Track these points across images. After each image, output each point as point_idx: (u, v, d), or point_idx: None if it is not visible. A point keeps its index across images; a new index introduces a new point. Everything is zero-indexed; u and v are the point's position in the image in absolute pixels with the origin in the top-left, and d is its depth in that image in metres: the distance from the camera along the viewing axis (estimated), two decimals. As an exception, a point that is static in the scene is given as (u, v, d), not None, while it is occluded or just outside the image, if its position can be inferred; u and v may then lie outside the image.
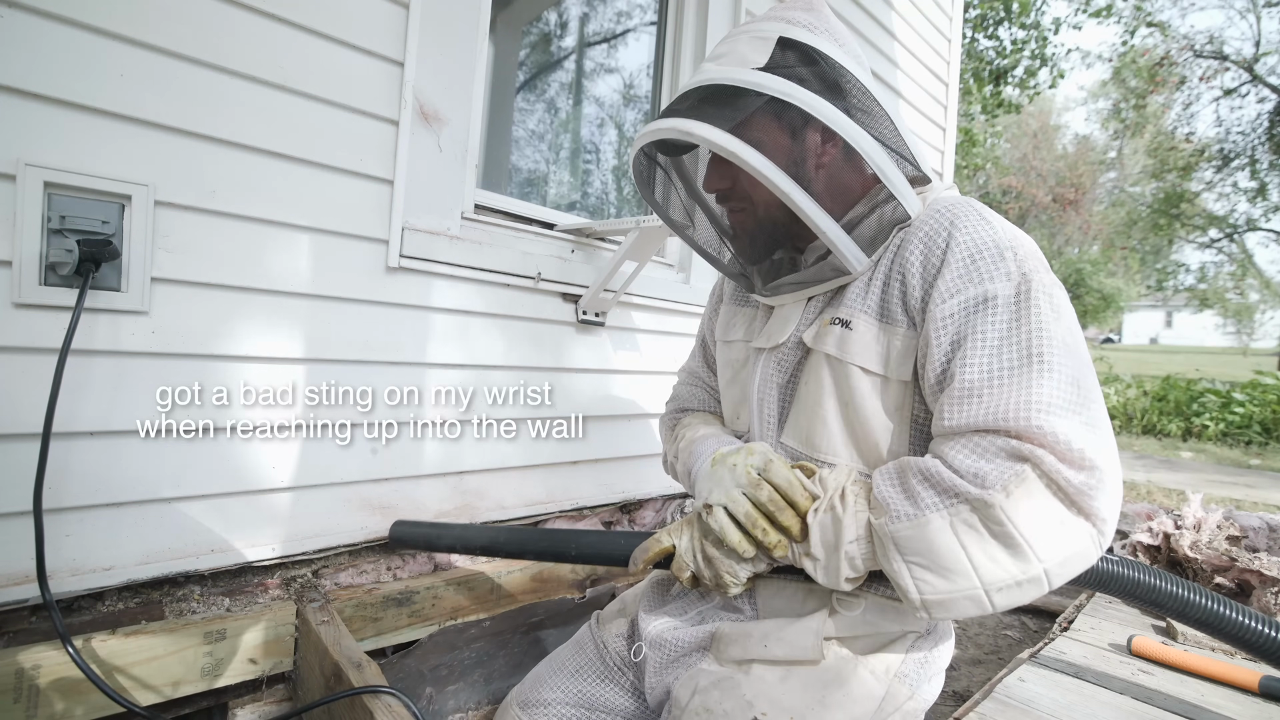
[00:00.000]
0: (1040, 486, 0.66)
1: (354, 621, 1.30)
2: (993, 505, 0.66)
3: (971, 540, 0.67)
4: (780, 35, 0.82)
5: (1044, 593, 0.68)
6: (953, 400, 0.72)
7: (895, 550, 0.70)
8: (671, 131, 0.82)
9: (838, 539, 0.74)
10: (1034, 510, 0.66)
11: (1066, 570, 0.67)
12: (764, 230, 0.91)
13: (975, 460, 0.68)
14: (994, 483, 0.66)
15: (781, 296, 0.94)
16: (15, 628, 1.05)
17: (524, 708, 1.04)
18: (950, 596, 0.69)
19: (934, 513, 0.68)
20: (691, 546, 0.85)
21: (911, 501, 0.70)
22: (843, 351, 0.84)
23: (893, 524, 0.71)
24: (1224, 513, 2.03)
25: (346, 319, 1.35)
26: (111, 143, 1.07)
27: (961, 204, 0.83)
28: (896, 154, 0.84)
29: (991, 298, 0.74)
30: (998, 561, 0.67)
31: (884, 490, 0.74)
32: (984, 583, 0.67)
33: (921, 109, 3.22)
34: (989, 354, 0.72)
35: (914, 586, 0.70)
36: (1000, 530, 0.66)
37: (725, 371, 1.08)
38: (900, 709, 0.86)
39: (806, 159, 0.85)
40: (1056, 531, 0.66)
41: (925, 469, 0.71)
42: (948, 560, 0.68)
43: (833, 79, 0.82)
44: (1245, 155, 15.64)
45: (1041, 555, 0.66)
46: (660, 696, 0.94)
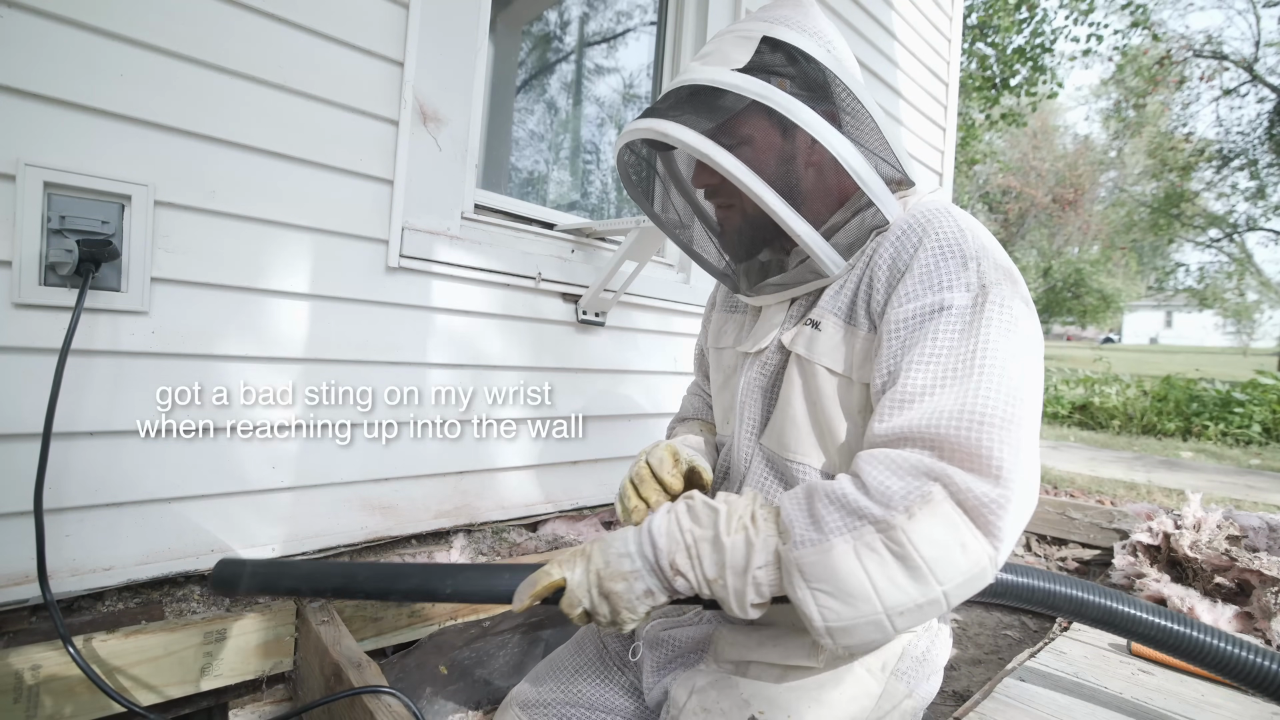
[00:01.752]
0: (947, 507, 0.65)
1: (354, 621, 1.30)
2: (895, 527, 0.65)
3: (874, 564, 0.66)
4: (764, 35, 0.81)
5: (942, 613, 0.68)
6: (890, 405, 0.72)
7: (800, 577, 0.68)
8: (648, 132, 0.83)
9: (747, 562, 0.71)
10: (935, 532, 0.64)
11: (964, 591, 0.67)
12: (750, 228, 0.90)
13: (886, 476, 0.67)
14: (898, 503, 0.65)
15: (764, 297, 0.94)
16: (15, 628, 1.05)
17: (524, 708, 1.04)
18: (854, 622, 0.67)
19: (838, 537, 0.67)
20: (586, 580, 0.78)
21: (817, 526, 0.68)
22: (810, 352, 0.84)
23: (797, 550, 0.68)
24: (1224, 512, 2.03)
25: (346, 319, 1.35)
26: (111, 143, 1.07)
27: (939, 210, 0.82)
28: (878, 157, 0.84)
29: (947, 307, 0.73)
30: (898, 585, 0.65)
31: (791, 514, 0.71)
32: (886, 607, 0.66)
33: (921, 109, 3.22)
34: (934, 363, 0.71)
35: (818, 614, 0.68)
36: (901, 552, 0.65)
37: (716, 378, 1.08)
38: (898, 707, 0.86)
39: (781, 162, 0.84)
40: (956, 554, 0.65)
41: (832, 491, 0.70)
42: (851, 586, 0.66)
43: (814, 80, 0.82)
44: (1245, 155, 15.65)
45: (941, 578, 0.65)
46: (658, 696, 0.94)
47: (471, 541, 1.60)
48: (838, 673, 0.84)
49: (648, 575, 0.75)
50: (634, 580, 0.75)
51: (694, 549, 0.74)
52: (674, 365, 2.04)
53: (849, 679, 0.84)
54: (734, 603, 0.73)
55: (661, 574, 0.75)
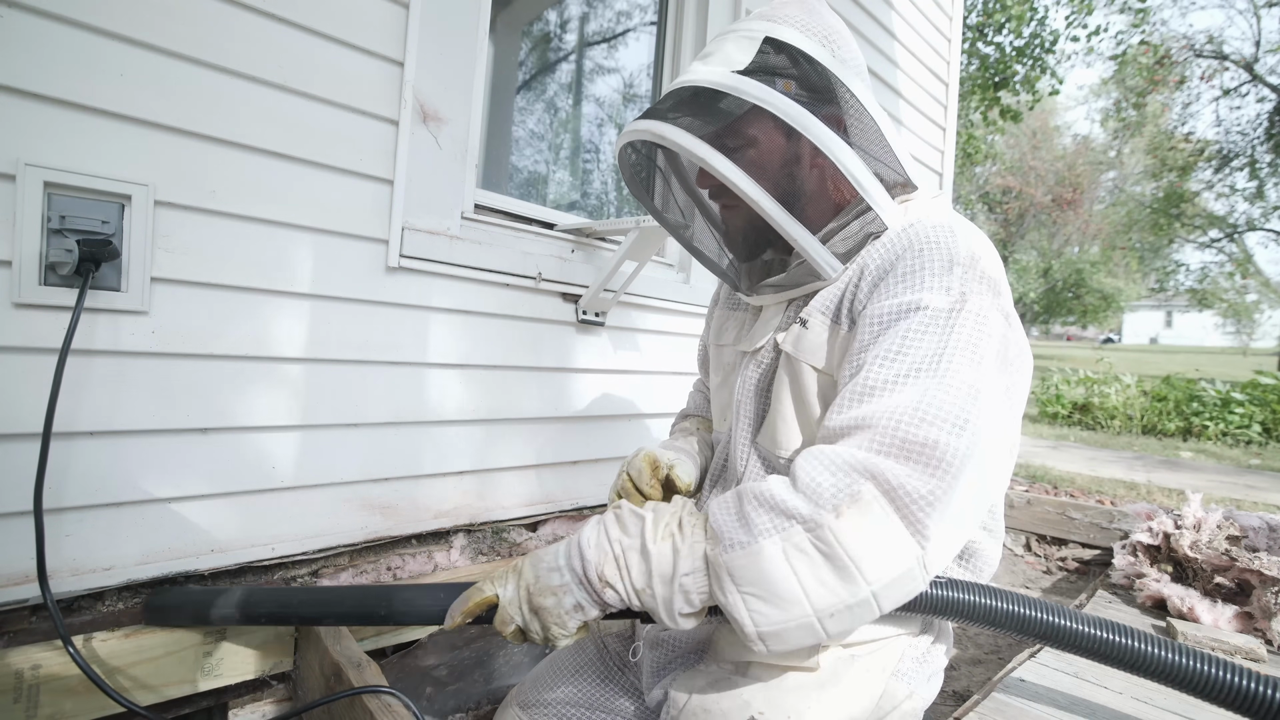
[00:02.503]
0: (877, 505, 0.64)
1: (354, 621, 1.30)
2: (822, 525, 0.64)
3: (802, 564, 0.65)
4: (766, 35, 0.80)
5: (875, 616, 0.66)
6: (847, 397, 0.71)
7: (730, 581, 0.67)
8: (646, 135, 0.82)
9: (674, 570, 0.70)
10: (863, 529, 0.63)
11: (894, 593, 0.65)
12: (754, 229, 0.90)
13: (819, 472, 0.66)
14: (826, 501, 0.64)
15: (764, 297, 0.95)
16: (15, 628, 1.05)
17: (524, 708, 1.05)
18: (784, 626, 0.66)
19: (767, 539, 0.66)
20: (517, 596, 0.77)
21: (745, 528, 0.67)
22: (797, 349, 0.85)
23: (727, 553, 0.67)
24: (1224, 512, 2.03)
25: (346, 319, 1.35)
26: (111, 143, 1.07)
27: (936, 217, 0.81)
28: (879, 160, 0.83)
29: (922, 307, 0.72)
30: (827, 585, 0.64)
31: (719, 518, 0.70)
32: (816, 609, 0.65)
33: (921, 109, 3.22)
34: (898, 360, 0.70)
35: (749, 619, 0.66)
36: (829, 551, 0.64)
37: (716, 375, 1.09)
38: (898, 708, 0.86)
39: (780, 166, 0.84)
40: (883, 550, 0.63)
41: (760, 492, 0.68)
42: (780, 588, 0.65)
43: (815, 82, 0.81)
44: (1245, 155, 15.65)
45: (869, 576, 0.64)
46: (659, 696, 0.94)
47: (471, 541, 1.60)
48: (838, 673, 0.84)
49: (576, 589, 0.74)
50: (563, 594, 0.74)
51: (622, 559, 0.73)
52: (674, 365, 2.04)
53: (849, 679, 0.84)
54: (663, 612, 0.71)
55: (590, 587, 0.73)
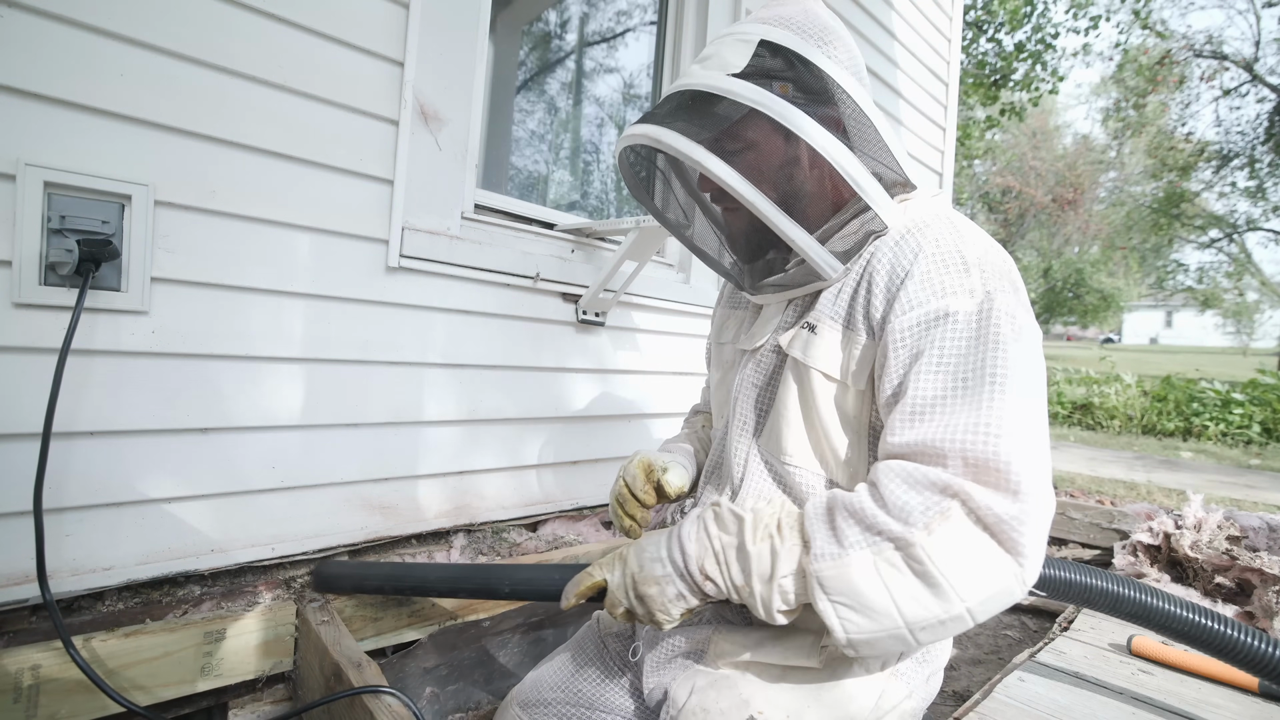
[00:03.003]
0: (966, 524, 0.65)
1: (354, 621, 1.30)
2: (914, 544, 0.65)
3: (894, 580, 0.66)
4: (761, 38, 0.81)
5: (968, 628, 0.68)
6: (902, 417, 0.71)
7: (820, 590, 0.69)
8: (643, 139, 0.83)
9: (772, 571, 0.72)
10: (956, 549, 0.64)
11: (989, 608, 0.66)
12: (755, 230, 0.90)
13: (905, 491, 0.67)
14: (917, 520, 0.65)
15: (765, 296, 0.95)
16: (15, 628, 1.05)
17: (524, 707, 1.05)
18: (875, 636, 0.68)
19: (857, 552, 0.67)
20: (623, 583, 0.82)
21: (836, 540, 0.69)
22: (806, 355, 0.84)
23: (817, 563, 0.69)
24: (1224, 512, 2.03)
25: (346, 319, 1.35)
26: (111, 143, 1.07)
27: (938, 216, 0.81)
28: (877, 160, 0.83)
29: (952, 313, 0.73)
30: (920, 601, 0.66)
31: (812, 526, 0.72)
32: (907, 622, 0.66)
33: (921, 109, 3.22)
34: (944, 373, 0.71)
35: (840, 626, 0.68)
36: (921, 569, 0.65)
37: (716, 373, 1.09)
38: (898, 707, 0.86)
39: (778, 168, 0.84)
40: (979, 570, 0.65)
41: (852, 505, 0.70)
42: (871, 600, 0.67)
43: (812, 85, 0.81)
44: (1245, 155, 15.65)
45: (963, 595, 0.65)
46: (658, 696, 0.94)
47: (471, 541, 1.60)
48: (837, 673, 0.84)
49: (677, 580, 0.78)
50: (665, 584, 0.78)
51: (722, 555, 0.76)
52: (674, 365, 2.04)
53: (849, 679, 0.84)
54: (761, 609, 0.74)
55: (691, 579, 0.77)
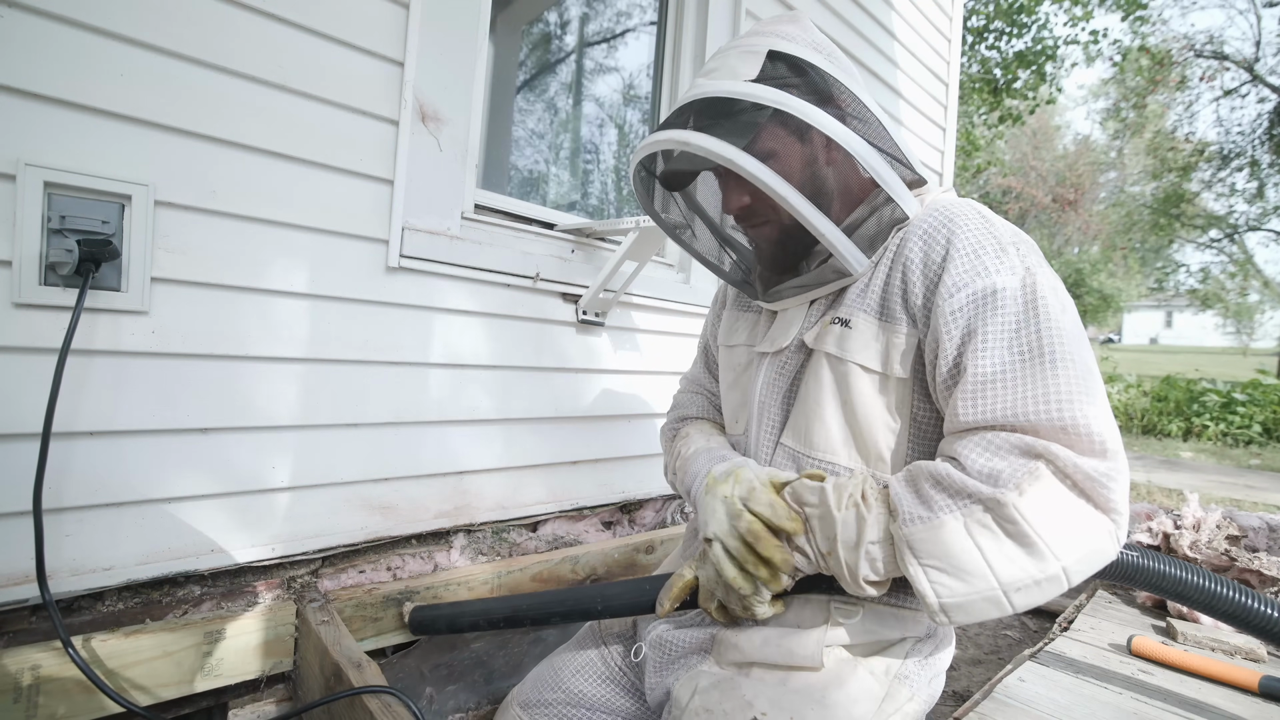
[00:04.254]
0: (1055, 483, 0.66)
1: (354, 621, 1.30)
2: (1005, 504, 0.65)
3: (986, 540, 0.66)
4: (770, 49, 0.84)
5: (1064, 590, 0.68)
6: (967, 394, 0.72)
7: (910, 553, 0.69)
8: (670, 143, 0.84)
9: (859, 537, 0.73)
10: (1049, 507, 0.65)
11: (1085, 567, 0.67)
12: (789, 238, 0.90)
13: (989, 458, 0.68)
14: (1007, 481, 0.66)
15: (784, 301, 0.95)
16: (15, 628, 1.04)
17: (525, 708, 1.05)
18: (968, 599, 0.68)
19: (947, 514, 0.68)
20: (712, 575, 0.84)
21: (925, 504, 0.70)
22: (842, 349, 0.84)
23: (907, 526, 0.70)
24: (1223, 512, 2.03)
25: (346, 319, 1.35)
26: (111, 143, 1.07)
27: (959, 204, 0.84)
28: (891, 157, 0.85)
29: (1000, 289, 0.74)
30: (1015, 561, 0.66)
31: (899, 493, 0.73)
32: (1001, 583, 0.67)
33: (921, 109, 3.21)
34: (1001, 347, 0.72)
35: (931, 590, 0.69)
36: (1015, 529, 0.65)
37: (727, 375, 1.08)
38: (901, 710, 0.86)
39: (802, 165, 0.86)
40: (1074, 529, 0.65)
41: (936, 473, 0.71)
42: (963, 561, 0.67)
43: (823, 88, 0.84)
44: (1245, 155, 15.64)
45: (1059, 553, 0.65)
46: (660, 697, 0.94)
47: (472, 541, 1.60)
48: (841, 675, 0.84)
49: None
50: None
51: (807, 524, 0.77)
52: (674, 365, 2.04)
53: (852, 681, 0.84)
54: (849, 577, 0.74)
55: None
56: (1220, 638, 1.52)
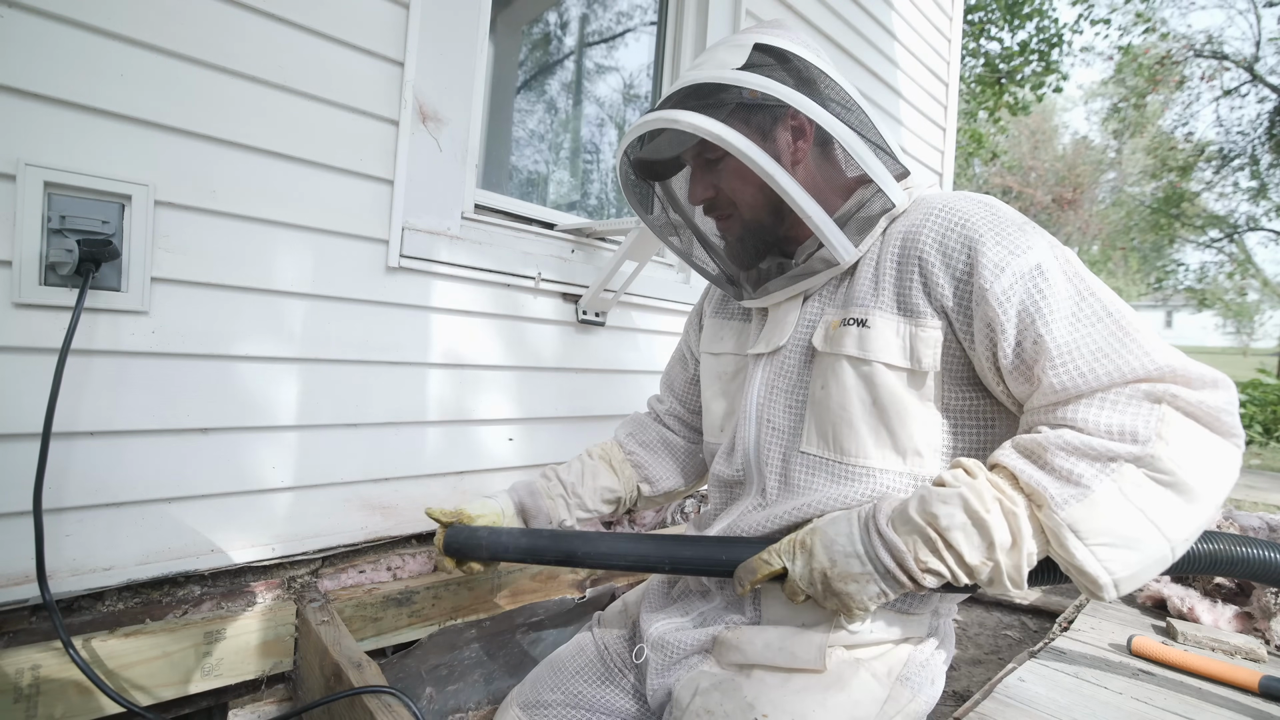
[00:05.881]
0: (1187, 422, 0.66)
1: (354, 621, 1.30)
2: (1158, 456, 0.64)
3: (1147, 500, 0.65)
4: (755, 41, 0.86)
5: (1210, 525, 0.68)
6: (1055, 365, 0.70)
7: (1074, 537, 0.66)
8: (658, 121, 0.85)
9: (1017, 537, 0.68)
10: (1192, 447, 0.65)
11: (1223, 497, 0.67)
12: (750, 233, 0.92)
13: (1112, 414, 0.66)
14: (1147, 434, 0.65)
15: (773, 295, 0.94)
16: (15, 628, 1.04)
17: (524, 708, 1.05)
18: (1142, 566, 0.66)
19: (1100, 484, 0.65)
20: (809, 575, 0.79)
21: (1068, 481, 0.66)
22: (864, 350, 0.83)
23: (1062, 510, 0.66)
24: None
25: (346, 319, 1.35)
26: (112, 143, 1.07)
27: (956, 196, 0.85)
28: (875, 146, 0.86)
29: (1041, 264, 0.75)
30: (1178, 511, 0.65)
31: (1032, 476, 0.68)
32: (1170, 540, 0.65)
33: (921, 109, 3.21)
34: (1070, 315, 0.72)
35: (1103, 569, 0.66)
36: (1171, 479, 0.64)
37: (713, 385, 1.07)
38: (903, 711, 0.86)
39: (788, 147, 0.87)
40: (1216, 462, 0.66)
41: (1066, 441, 0.67)
42: (1131, 530, 0.65)
43: (808, 77, 0.85)
44: (1245, 155, 15.64)
45: (1210, 490, 0.65)
46: (661, 698, 0.94)
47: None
48: (843, 677, 0.84)
49: (880, 579, 0.74)
50: (865, 583, 0.75)
51: (939, 540, 0.70)
52: (674, 365, 2.04)
53: (854, 683, 0.84)
54: (1007, 582, 0.70)
55: (901, 575, 0.73)
56: (1220, 638, 1.52)
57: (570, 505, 1.16)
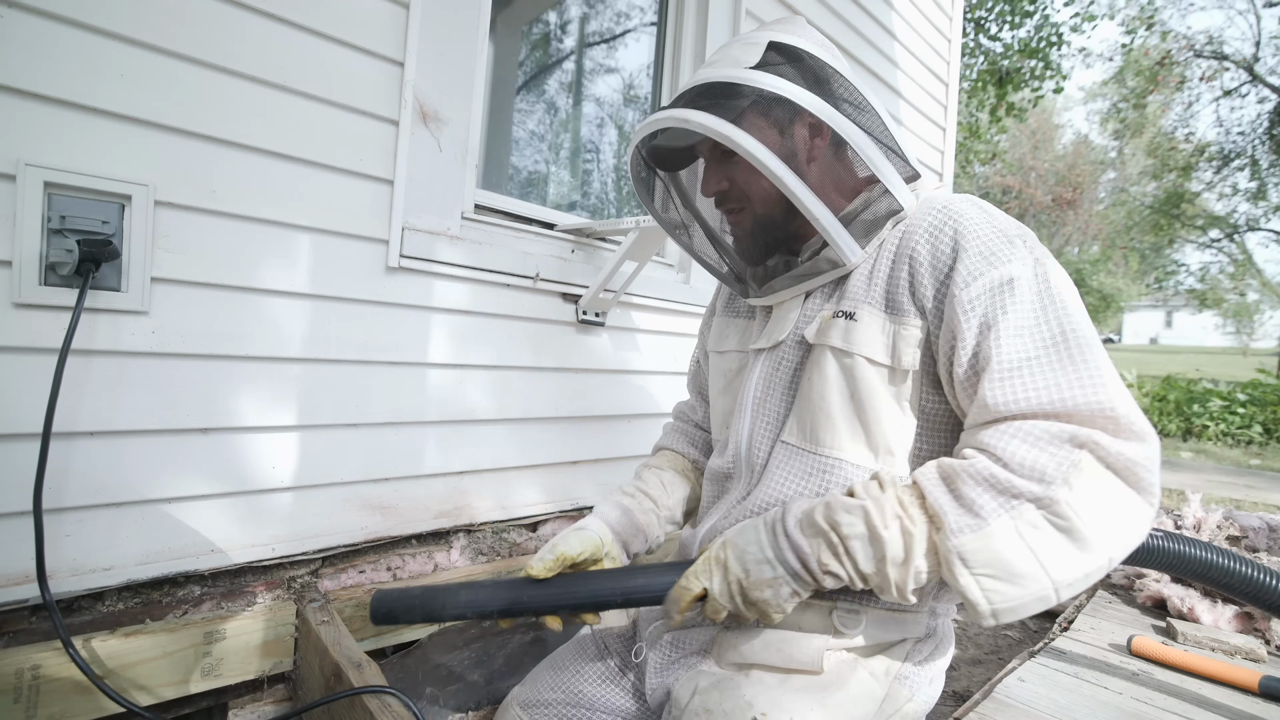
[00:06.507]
0: (1099, 470, 0.65)
1: (354, 621, 1.30)
2: (1058, 500, 0.64)
3: (1039, 541, 0.65)
4: (770, 40, 0.86)
5: (1104, 576, 0.69)
6: (995, 382, 0.71)
7: (962, 564, 0.67)
8: (670, 120, 0.85)
9: (908, 554, 0.71)
10: (1096, 498, 0.65)
11: (1125, 552, 0.67)
12: (761, 229, 0.92)
13: (1029, 450, 0.67)
14: (1054, 476, 0.65)
15: (779, 294, 0.95)
16: (15, 628, 1.04)
17: (525, 708, 1.05)
18: (1021, 601, 0.67)
19: (996, 520, 0.66)
20: (727, 590, 0.80)
21: (969, 511, 0.68)
22: (848, 343, 0.83)
23: (955, 538, 0.68)
24: (1224, 513, 2.03)
25: (346, 319, 1.35)
26: (112, 143, 1.07)
27: (960, 199, 0.84)
28: (887, 149, 0.86)
29: (1015, 278, 0.74)
30: (1068, 557, 0.65)
31: (939, 500, 0.70)
32: (1055, 581, 0.66)
33: (921, 109, 3.22)
34: (1026, 334, 0.72)
35: (984, 599, 0.67)
36: (1067, 525, 0.65)
37: (718, 382, 1.08)
38: (900, 710, 0.86)
39: (799, 149, 0.87)
40: (1119, 516, 0.65)
41: (976, 471, 0.68)
42: (1018, 567, 0.66)
43: (822, 77, 0.85)
44: (1245, 155, 15.64)
45: (1107, 543, 0.65)
46: (660, 697, 0.94)
47: (472, 542, 1.60)
48: (841, 676, 0.84)
49: (791, 580, 0.76)
50: (779, 586, 0.76)
51: (841, 546, 0.73)
52: (674, 365, 2.04)
53: (853, 683, 0.84)
54: (894, 592, 0.73)
55: (806, 576, 0.75)
56: (1220, 638, 1.52)
57: (661, 520, 1.12)
